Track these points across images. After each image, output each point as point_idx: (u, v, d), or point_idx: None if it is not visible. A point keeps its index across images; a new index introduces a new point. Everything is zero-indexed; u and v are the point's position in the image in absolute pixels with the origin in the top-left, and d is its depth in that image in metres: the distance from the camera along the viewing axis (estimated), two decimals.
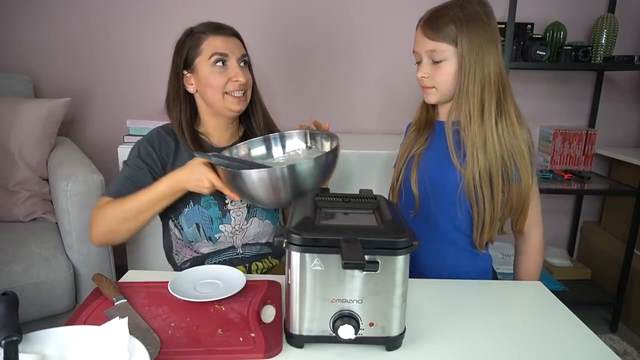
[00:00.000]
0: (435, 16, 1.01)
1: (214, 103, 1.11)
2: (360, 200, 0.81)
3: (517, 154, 1.00)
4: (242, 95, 1.11)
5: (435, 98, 1.05)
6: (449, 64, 1.00)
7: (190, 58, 1.10)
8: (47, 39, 2.03)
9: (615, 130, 2.24)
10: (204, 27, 1.11)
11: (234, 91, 1.09)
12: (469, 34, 0.97)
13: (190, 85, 1.13)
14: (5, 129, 1.68)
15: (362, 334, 0.69)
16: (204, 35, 1.10)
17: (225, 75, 1.09)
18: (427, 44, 1.01)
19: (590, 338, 0.77)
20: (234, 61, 1.10)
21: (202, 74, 1.09)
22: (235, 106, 1.11)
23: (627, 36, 2.09)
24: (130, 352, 0.60)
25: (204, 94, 1.11)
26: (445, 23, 0.99)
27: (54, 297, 1.40)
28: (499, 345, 0.74)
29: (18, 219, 1.65)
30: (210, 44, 1.09)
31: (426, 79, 1.04)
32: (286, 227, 0.69)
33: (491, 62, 0.98)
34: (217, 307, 0.80)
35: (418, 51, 1.05)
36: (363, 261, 0.61)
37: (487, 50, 0.98)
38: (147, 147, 1.11)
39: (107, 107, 2.12)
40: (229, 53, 1.09)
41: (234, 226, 1.13)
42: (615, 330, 2.00)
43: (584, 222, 2.34)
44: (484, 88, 0.99)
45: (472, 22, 0.97)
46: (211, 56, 1.08)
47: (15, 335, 0.61)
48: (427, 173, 1.07)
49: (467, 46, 0.97)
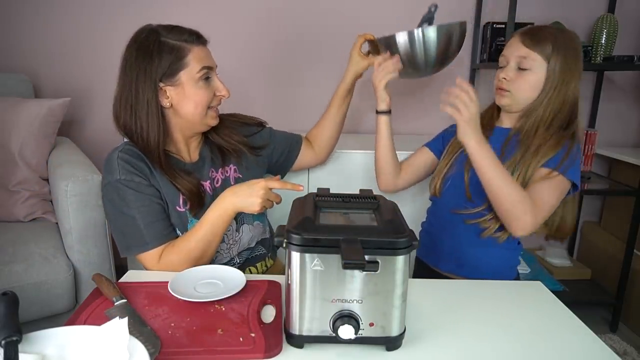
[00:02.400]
0: (536, 30, 1.09)
1: (193, 118, 1.04)
2: (360, 200, 0.81)
3: None
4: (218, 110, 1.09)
5: (507, 101, 1.10)
6: (533, 74, 1.06)
7: (173, 70, 1.00)
8: (47, 39, 2.03)
9: (615, 130, 2.24)
10: (183, 34, 1.01)
11: (216, 105, 1.06)
12: (564, 56, 1.04)
13: (165, 99, 1.01)
14: (5, 129, 1.67)
15: (362, 334, 0.69)
16: (187, 45, 1.00)
17: (211, 90, 1.04)
18: (521, 49, 1.06)
19: (590, 338, 0.77)
20: (215, 74, 1.05)
21: (189, 89, 1.01)
22: (213, 121, 1.08)
23: (627, 36, 2.09)
24: (130, 352, 0.60)
25: (183, 108, 1.03)
26: (545, 38, 1.05)
27: (54, 297, 1.40)
28: (499, 345, 0.74)
29: (18, 219, 1.65)
30: (196, 56, 1.01)
31: (506, 82, 1.08)
32: (286, 227, 0.69)
33: (572, 89, 1.06)
34: (217, 307, 0.80)
35: (507, 55, 1.09)
36: (363, 261, 0.61)
37: (572, 76, 1.06)
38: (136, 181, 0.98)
39: (107, 107, 2.07)
40: (213, 66, 1.04)
41: (227, 242, 1.10)
42: (615, 330, 2.00)
43: (584, 222, 2.34)
44: (560, 107, 1.06)
45: (568, 46, 1.05)
46: (200, 70, 1.01)
47: (15, 335, 0.61)
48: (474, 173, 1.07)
49: (559, 66, 1.04)
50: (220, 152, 1.16)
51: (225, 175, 1.15)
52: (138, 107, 1.01)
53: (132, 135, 1.03)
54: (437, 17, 2.12)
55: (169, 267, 0.97)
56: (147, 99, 1.00)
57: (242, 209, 0.98)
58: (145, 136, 1.01)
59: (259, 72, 2.12)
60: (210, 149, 1.16)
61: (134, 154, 1.01)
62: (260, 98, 2.14)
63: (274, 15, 2.06)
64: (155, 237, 0.98)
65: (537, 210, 1.01)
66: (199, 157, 1.13)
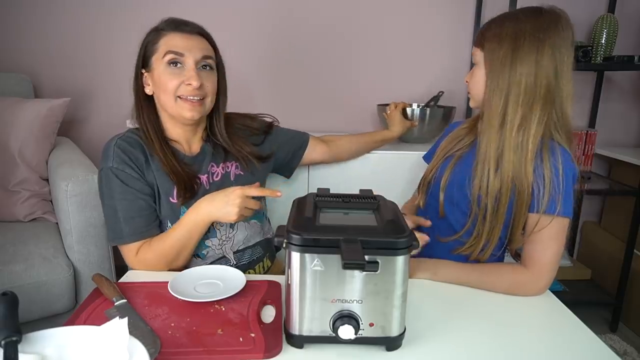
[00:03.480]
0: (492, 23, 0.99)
1: (168, 108, 1.03)
2: (360, 200, 0.81)
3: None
4: (197, 101, 1.02)
5: (472, 103, 1.04)
6: (478, 68, 0.99)
7: (147, 56, 1.03)
8: (47, 39, 2.03)
9: (615, 130, 2.24)
10: (165, 23, 1.04)
11: (187, 96, 1.01)
12: (498, 36, 0.93)
13: (147, 86, 1.05)
14: (5, 129, 1.67)
15: (362, 334, 0.69)
16: (163, 32, 1.02)
17: (179, 77, 1.00)
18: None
19: (590, 338, 0.77)
20: (190, 62, 1.00)
21: (157, 74, 1.01)
22: (188, 112, 1.02)
23: (627, 36, 2.09)
24: (130, 353, 0.60)
25: (159, 96, 1.03)
26: (483, 29, 0.98)
27: (54, 297, 1.40)
28: (498, 345, 0.74)
29: (18, 219, 1.65)
30: (167, 41, 1.00)
31: (468, 84, 1.03)
32: (286, 227, 0.69)
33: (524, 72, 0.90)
34: (217, 307, 0.80)
35: None
36: (363, 261, 0.61)
37: (520, 58, 0.90)
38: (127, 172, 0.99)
39: (107, 107, 2.12)
40: (185, 53, 1.00)
41: (220, 238, 1.08)
42: (615, 330, 2.00)
43: (584, 222, 2.34)
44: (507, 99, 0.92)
45: (502, 25, 0.93)
46: (165, 54, 0.99)
47: (15, 335, 0.61)
48: (456, 177, 1.04)
49: (489, 50, 0.94)
50: (223, 150, 1.15)
51: (226, 170, 1.14)
52: (135, 96, 1.07)
53: (138, 124, 1.07)
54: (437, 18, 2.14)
55: (143, 264, 0.99)
56: (135, 87, 1.06)
57: (218, 218, 0.97)
58: (143, 123, 1.06)
59: (265, 73, 2.11)
60: (214, 145, 1.14)
61: (134, 142, 1.03)
62: (266, 98, 2.14)
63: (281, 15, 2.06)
64: (131, 233, 0.99)
65: (542, 273, 0.92)
66: (199, 151, 1.12)
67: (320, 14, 2.07)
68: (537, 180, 0.91)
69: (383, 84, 2.14)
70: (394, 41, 2.10)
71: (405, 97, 2.10)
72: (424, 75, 2.15)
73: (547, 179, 0.90)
